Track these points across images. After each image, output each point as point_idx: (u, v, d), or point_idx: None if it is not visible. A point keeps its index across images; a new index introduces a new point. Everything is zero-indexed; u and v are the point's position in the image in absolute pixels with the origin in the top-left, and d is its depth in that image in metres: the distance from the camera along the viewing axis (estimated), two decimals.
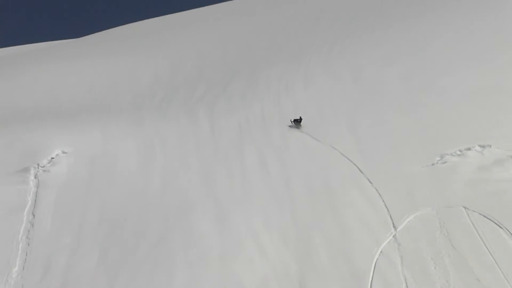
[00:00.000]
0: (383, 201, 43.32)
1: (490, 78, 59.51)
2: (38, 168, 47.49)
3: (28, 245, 41.52)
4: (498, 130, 50.20)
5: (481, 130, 50.59)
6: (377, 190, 44.49)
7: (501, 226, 40.80)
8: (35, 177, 46.58)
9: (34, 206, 44.14)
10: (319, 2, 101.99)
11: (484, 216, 41.37)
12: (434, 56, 67.51)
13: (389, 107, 56.99)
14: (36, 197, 44.96)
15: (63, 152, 49.19)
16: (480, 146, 47.70)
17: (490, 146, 47.64)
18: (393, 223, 41.73)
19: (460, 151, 47.51)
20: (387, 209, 42.67)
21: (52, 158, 48.60)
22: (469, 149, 47.42)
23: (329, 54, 73.36)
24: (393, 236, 40.87)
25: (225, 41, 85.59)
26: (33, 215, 43.40)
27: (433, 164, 46.55)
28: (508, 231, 40.67)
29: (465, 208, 42.13)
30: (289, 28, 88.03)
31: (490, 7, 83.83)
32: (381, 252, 39.68)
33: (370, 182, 44.94)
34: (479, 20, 75.90)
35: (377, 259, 39.27)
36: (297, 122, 55.37)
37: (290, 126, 55.97)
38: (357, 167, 46.68)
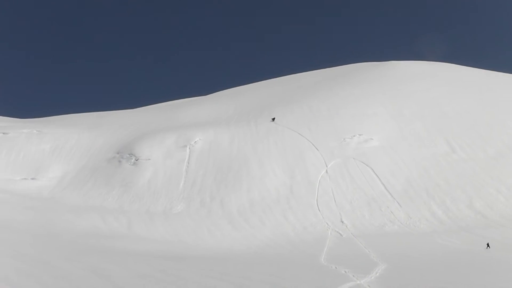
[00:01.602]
0: (322, 155, 59.02)
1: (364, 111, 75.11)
2: (190, 145, 60.79)
3: (187, 173, 55.99)
4: (364, 130, 65.15)
5: (357, 129, 65.53)
6: (319, 151, 59.88)
7: (368, 165, 57.34)
8: (189, 149, 60.11)
9: (188, 160, 58.40)
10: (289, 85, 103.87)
11: (361, 161, 57.95)
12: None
13: (325, 127, 69.98)
14: (189, 156, 58.94)
15: (199, 139, 61.75)
16: (358, 134, 63.37)
17: (362, 135, 63.34)
18: (326, 164, 57.64)
19: (350, 137, 63.17)
20: (323, 159, 58.54)
21: (195, 141, 61.44)
22: (355, 135, 63.42)
23: (305, 103, 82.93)
24: (326, 170, 56.56)
25: (258, 98, 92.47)
26: (188, 163, 57.64)
27: (340, 142, 61.99)
28: (372, 168, 57.05)
29: (353, 158, 58.68)
30: (281, 93, 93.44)
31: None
32: (321, 175, 55.54)
33: (317, 149, 60.26)
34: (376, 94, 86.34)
35: (319, 178, 55.25)
36: (273, 119, 68.48)
37: (270, 121, 68.84)
38: (311, 142, 61.66)
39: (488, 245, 35.94)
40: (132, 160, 58.70)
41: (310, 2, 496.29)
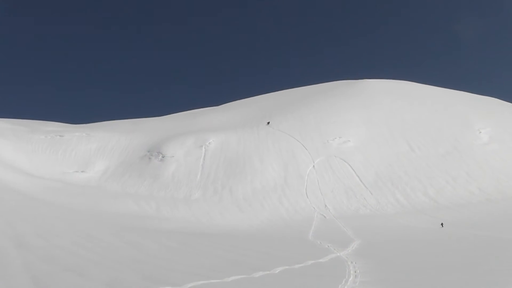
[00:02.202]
0: (309, 154, 58.69)
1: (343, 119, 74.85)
2: (205, 145, 60.20)
3: (203, 167, 55.74)
4: (343, 134, 64.28)
5: (337, 133, 64.66)
6: (307, 150, 59.47)
7: (346, 161, 57.02)
8: (204, 148, 59.60)
9: (204, 157, 58.00)
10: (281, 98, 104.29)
11: (340, 158, 57.73)
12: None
13: (312, 131, 68.38)
14: (205, 154, 58.45)
15: (213, 141, 60.98)
16: (339, 137, 62.77)
17: (341, 138, 62.69)
18: (313, 161, 57.34)
19: (332, 139, 62.50)
20: (311, 156, 58.17)
21: (209, 142, 60.76)
22: (336, 138, 62.80)
23: (296, 113, 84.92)
24: (313, 166, 56.28)
25: (259, 108, 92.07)
26: (204, 159, 57.19)
27: (324, 143, 61.47)
28: (349, 164, 56.74)
29: (334, 156, 58.44)
30: (277, 105, 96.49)
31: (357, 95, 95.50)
32: (309, 169, 55.34)
33: (306, 149, 59.79)
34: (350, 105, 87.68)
35: (308, 172, 55.07)
36: (268, 123, 68.14)
37: (266, 125, 68.32)
38: (301, 143, 61.11)
39: (442, 224, 35.96)
40: (160, 157, 58.55)
41: (305, 35, 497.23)
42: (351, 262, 18.09)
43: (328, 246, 25.42)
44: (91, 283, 11.95)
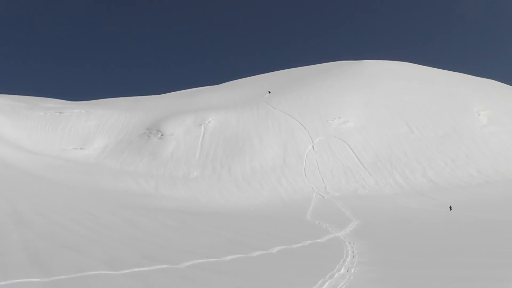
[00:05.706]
0: (309, 134, 58.72)
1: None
2: (204, 124, 60.40)
3: (202, 146, 55.81)
4: (343, 114, 64.15)
5: (336, 114, 64.56)
6: (307, 130, 59.57)
7: (345, 142, 57.34)
8: (204, 127, 59.86)
9: (203, 135, 58.05)
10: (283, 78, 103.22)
11: (340, 139, 57.79)
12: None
13: (312, 111, 68.50)
14: (204, 133, 58.39)
15: (212, 119, 61.11)
16: (338, 118, 62.75)
17: (340, 118, 62.69)
18: (312, 141, 57.53)
19: (332, 119, 62.47)
20: (310, 136, 58.35)
21: (209, 121, 60.98)
22: (335, 118, 62.75)
23: (296, 93, 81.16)
24: (312, 146, 56.39)
25: (259, 87, 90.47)
26: (203, 138, 57.30)
27: (323, 123, 61.34)
28: (348, 144, 57.09)
29: (334, 136, 58.51)
30: (277, 84, 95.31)
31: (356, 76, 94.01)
32: (308, 149, 55.53)
33: (305, 129, 59.86)
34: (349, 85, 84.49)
35: (307, 152, 55.30)
36: (269, 92, 70.56)
37: (268, 94, 70.62)
38: (300, 123, 61.09)
39: (450, 208, 35.57)
40: (159, 135, 58.68)
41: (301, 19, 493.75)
42: (349, 243, 18.04)
43: (327, 226, 25.43)
44: (89, 261, 11.86)
